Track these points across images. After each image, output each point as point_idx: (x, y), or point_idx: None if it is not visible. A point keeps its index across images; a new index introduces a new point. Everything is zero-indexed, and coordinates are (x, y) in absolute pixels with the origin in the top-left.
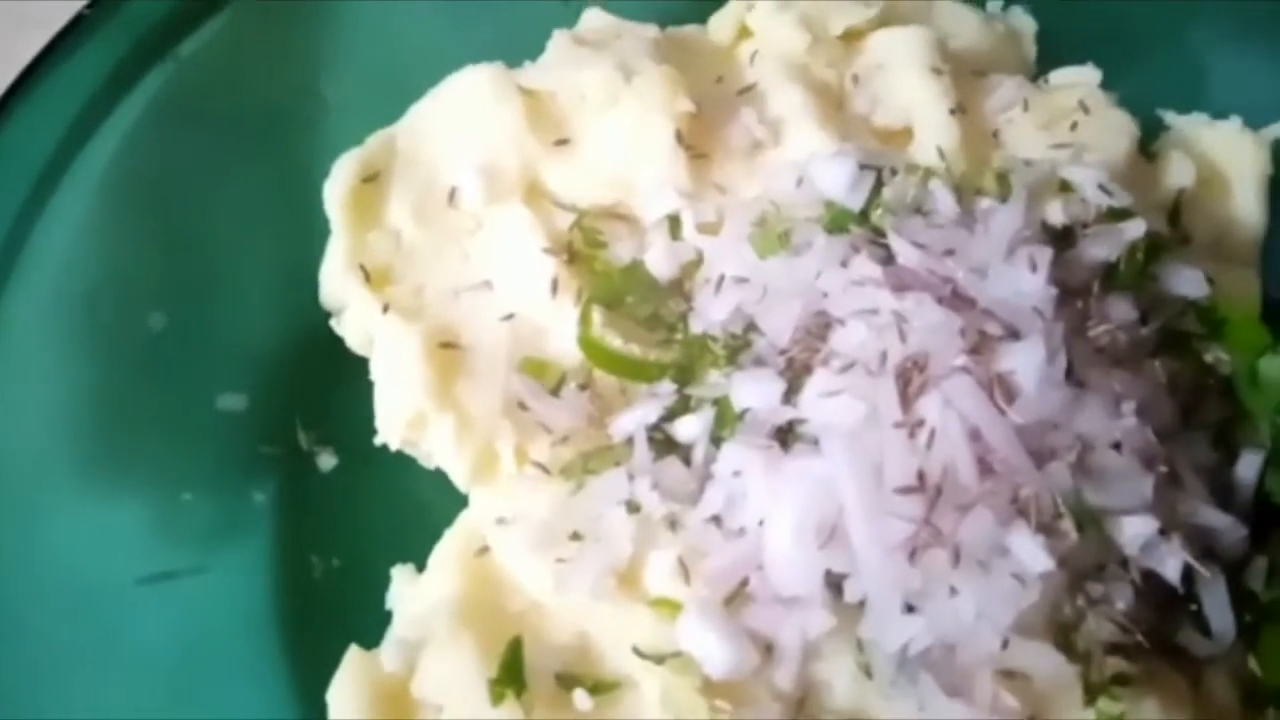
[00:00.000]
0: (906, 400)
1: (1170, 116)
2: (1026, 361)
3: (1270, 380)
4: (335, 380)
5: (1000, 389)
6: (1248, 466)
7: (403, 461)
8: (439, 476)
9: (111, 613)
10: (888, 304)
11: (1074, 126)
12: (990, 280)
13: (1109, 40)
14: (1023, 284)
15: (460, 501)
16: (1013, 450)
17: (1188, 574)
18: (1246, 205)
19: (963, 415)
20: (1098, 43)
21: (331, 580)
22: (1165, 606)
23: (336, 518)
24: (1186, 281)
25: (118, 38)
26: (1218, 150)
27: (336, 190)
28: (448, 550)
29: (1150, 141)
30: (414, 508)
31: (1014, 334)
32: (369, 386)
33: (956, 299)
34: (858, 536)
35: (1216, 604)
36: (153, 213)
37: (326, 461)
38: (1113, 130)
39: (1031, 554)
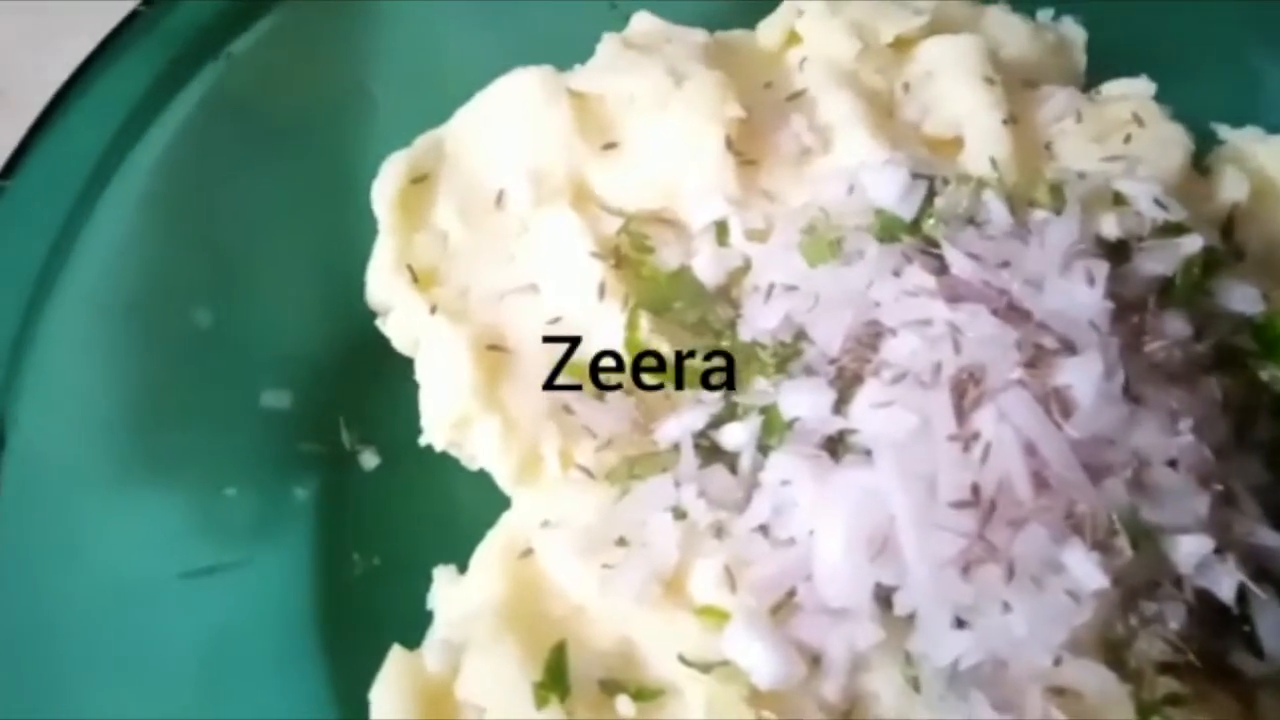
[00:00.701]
0: (961, 413)
1: (1224, 130)
2: (1084, 376)
3: None
4: (379, 380)
5: (1057, 403)
6: None
7: (445, 462)
8: (480, 477)
9: (153, 607)
10: (942, 315)
11: (1127, 139)
12: (1046, 293)
13: (1161, 52)
14: (1079, 297)
15: (501, 503)
16: (1068, 466)
17: (1241, 594)
18: None
19: (1018, 429)
20: (1150, 55)
21: (372, 579)
22: (1218, 627)
23: (378, 517)
24: (1241, 298)
25: (170, 35)
26: (1272, 165)
27: (385, 190)
28: (490, 552)
29: (1203, 155)
30: (455, 509)
31: (1070, 348)
32: (412, 386)
33: (1012, 311)
34: (909, 549)
35: (1270, 625)
36: (201, 210)
37: (369, 460)
38: (1166, 143)
39: (1086, 571)
